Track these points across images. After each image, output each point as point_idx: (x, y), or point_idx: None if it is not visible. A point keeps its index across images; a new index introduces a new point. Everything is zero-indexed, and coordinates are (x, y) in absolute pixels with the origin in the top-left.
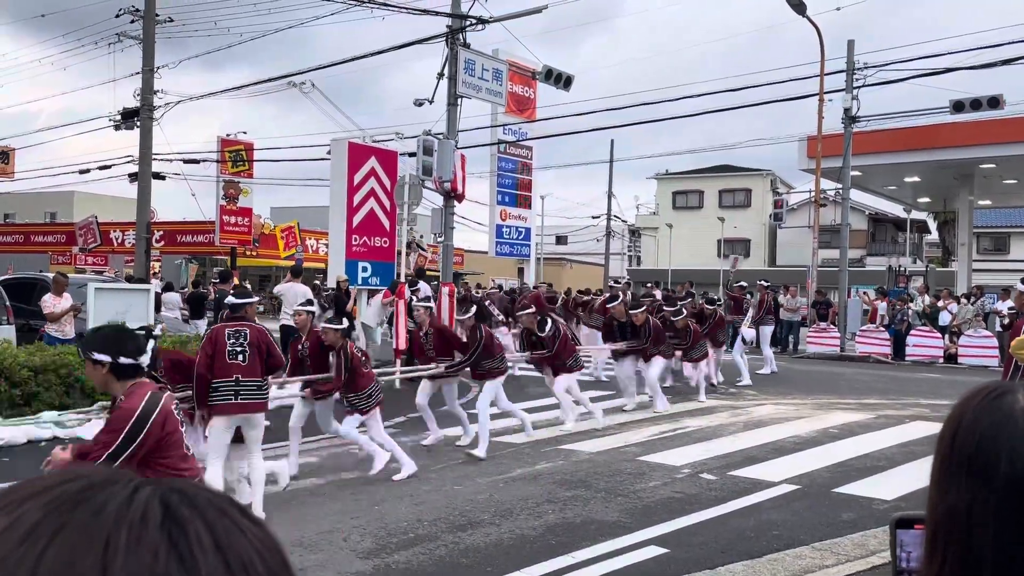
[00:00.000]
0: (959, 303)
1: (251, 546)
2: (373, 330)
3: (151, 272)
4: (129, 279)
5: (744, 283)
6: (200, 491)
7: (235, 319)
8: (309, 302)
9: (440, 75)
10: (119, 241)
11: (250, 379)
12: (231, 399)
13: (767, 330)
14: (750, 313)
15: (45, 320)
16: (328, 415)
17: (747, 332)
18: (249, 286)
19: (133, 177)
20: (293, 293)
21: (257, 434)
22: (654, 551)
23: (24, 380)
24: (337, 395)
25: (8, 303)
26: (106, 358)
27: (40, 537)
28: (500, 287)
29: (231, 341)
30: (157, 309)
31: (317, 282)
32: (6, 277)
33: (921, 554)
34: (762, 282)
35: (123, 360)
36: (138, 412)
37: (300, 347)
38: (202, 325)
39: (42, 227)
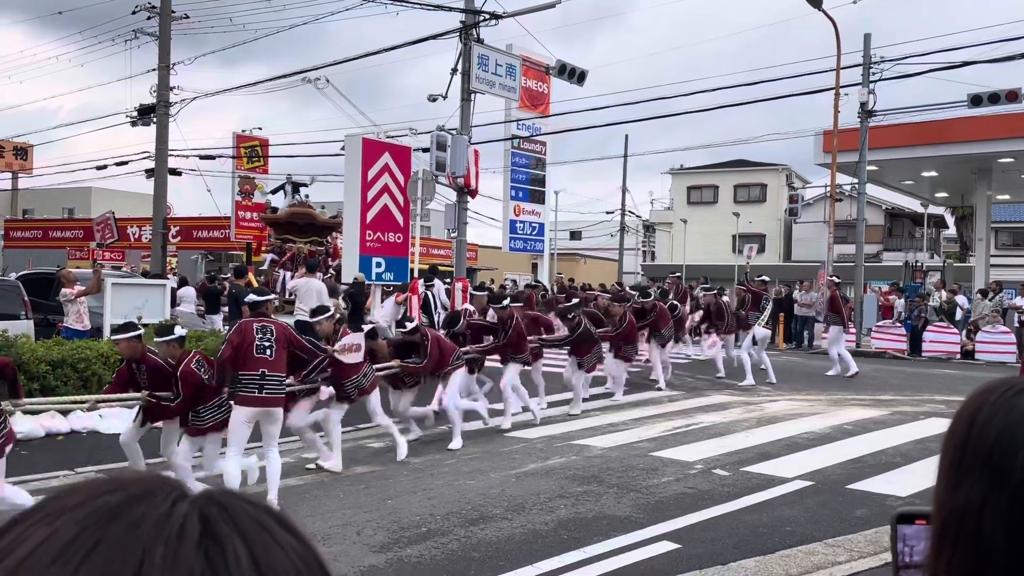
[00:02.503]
0: (967, 296)
1: (290, 563)
2: (385, 330)
3: (168, 268)
4: (146, 274)
5: (766, 277)
6: (240, 503)
7: (258, 315)
8: None
9: (454, 71)
10: (136, 237)
11: (275, 374)
12: (255, 392)
13: (835, 330)
14: (768, 310)
15: (63, 315)
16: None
17: (759, 331)
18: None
19: (149, 173)
20: (308, 288)
21: (275, 429)
22: (666, 546)
23: (42, 374)
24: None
25: (27, 298)
26: None
27: (74, 555)
28: (514, 282)
29: (259, 336)
30: (174, 304)
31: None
32: (25, 272)
33: (925, 548)
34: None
35: None
36: None
37: None
38: (217, 320)
39: (60, 223)
